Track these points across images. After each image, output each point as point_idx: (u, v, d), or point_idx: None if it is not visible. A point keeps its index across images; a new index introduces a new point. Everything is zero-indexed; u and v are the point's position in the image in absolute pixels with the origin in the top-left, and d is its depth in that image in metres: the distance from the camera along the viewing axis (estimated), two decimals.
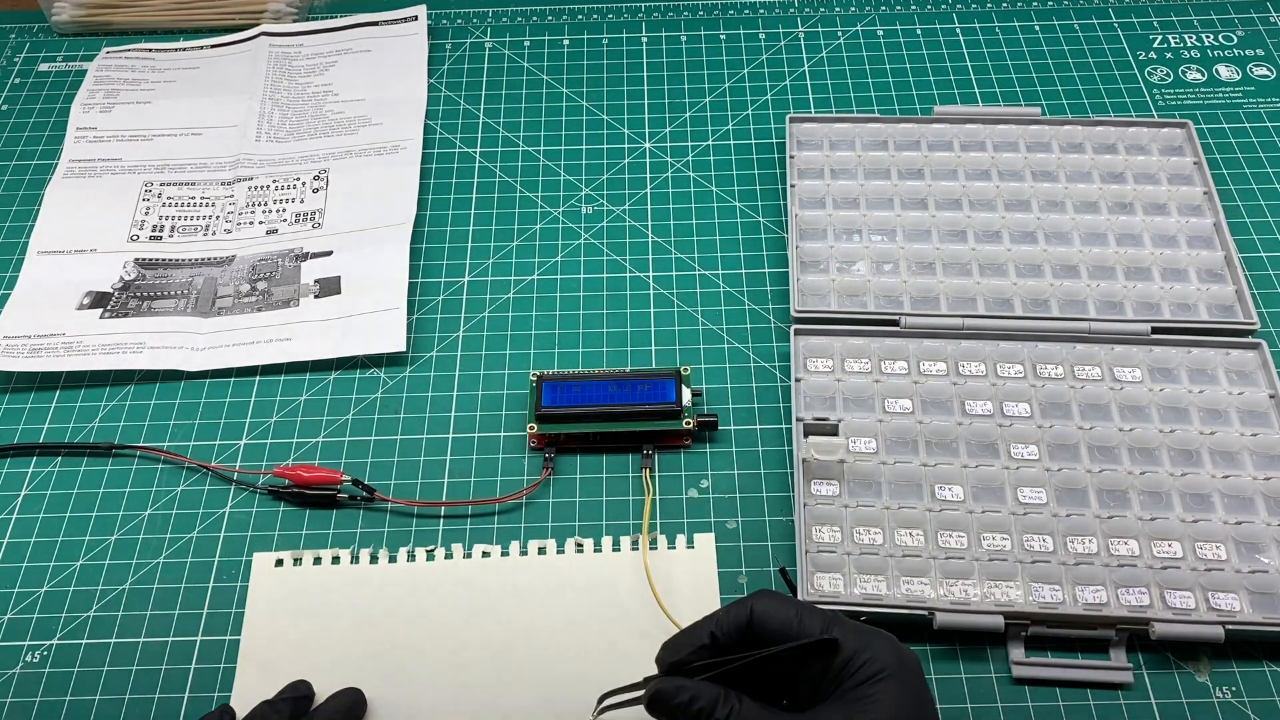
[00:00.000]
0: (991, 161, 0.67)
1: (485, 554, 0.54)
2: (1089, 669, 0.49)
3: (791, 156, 0.68)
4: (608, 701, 0.44)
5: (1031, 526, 0.53)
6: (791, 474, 0.55)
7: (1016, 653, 0.50)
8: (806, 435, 0.55)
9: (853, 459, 0.55)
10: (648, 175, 0.70)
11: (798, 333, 0.60)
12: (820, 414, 0.57)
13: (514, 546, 0.54)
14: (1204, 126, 0.71)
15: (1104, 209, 0.65)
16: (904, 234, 0.64)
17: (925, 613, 0.50)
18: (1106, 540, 0.52)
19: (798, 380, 0.58)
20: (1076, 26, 0.78)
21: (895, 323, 0.60)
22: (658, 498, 0.56)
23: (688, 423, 0.57)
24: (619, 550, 0.54)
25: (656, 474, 0.57)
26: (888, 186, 0.66)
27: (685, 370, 0.58)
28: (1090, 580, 0.51)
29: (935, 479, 0.55)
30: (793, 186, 0.66)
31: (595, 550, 0.54)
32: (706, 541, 0.54)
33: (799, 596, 0.50)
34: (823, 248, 0.64)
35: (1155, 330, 0.59)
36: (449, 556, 0.54)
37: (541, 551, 0.54)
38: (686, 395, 0.57)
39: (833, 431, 0.54)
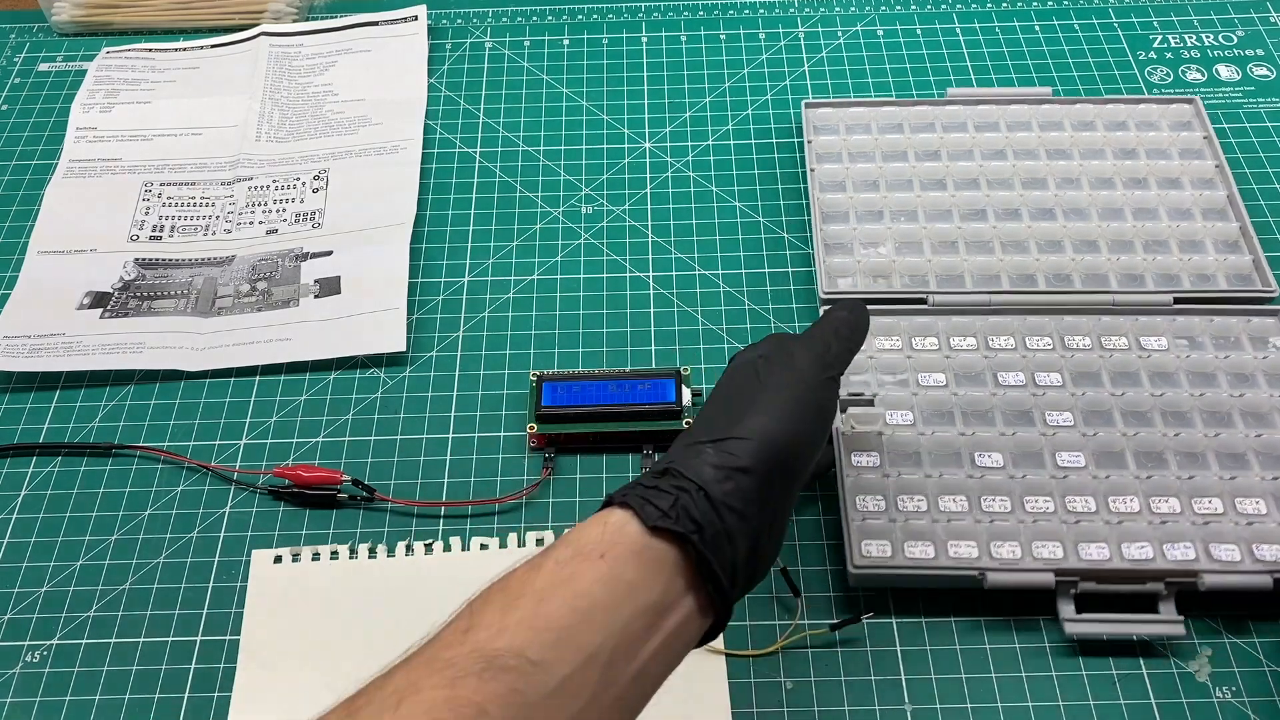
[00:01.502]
0: (1006, 141, 0.68)
1: (483, 546, 0.54)
2: (1141, 623, 0.50)
3: (809, 141, 0.68)
4: None
5: (1073, 488, 0.53)
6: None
7: (1067, 610, 0.50)
8: (844, 410, 0.55)
9: (891, 431, 0.55)
10: (648, 175, 0.70)
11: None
12: (854, 390, 0.57)
13: (512, 539, 0.54)
14: None
15: (1119, 185, 0.65)
16: (925, 214, 0.64)
17: (975, 573, 0.50)
18: (1148, 499, 0.53)
19: None
20: (1077, 27, 0.78)
21: (923, 300, 0.60)
22: None
23: (688, 423, 0.56)
24: None
25: None
26: (906, 168, 0.66)
27: (685, 370, 0.58)
28: (1135, 537, 0.51)
29: (974, 446, 0.55)
30: (812, 171, 0.66)
31: None
32: None
33: (848, 566, 0.51)
34: (846, 230, 0.64)
35: (1177, 300, 0.60)
36: (447, 549, 0.54)
37: (539, 544, 0.54)
38: (686, 395, 0.57)
39: (869, 404, 0.55)
